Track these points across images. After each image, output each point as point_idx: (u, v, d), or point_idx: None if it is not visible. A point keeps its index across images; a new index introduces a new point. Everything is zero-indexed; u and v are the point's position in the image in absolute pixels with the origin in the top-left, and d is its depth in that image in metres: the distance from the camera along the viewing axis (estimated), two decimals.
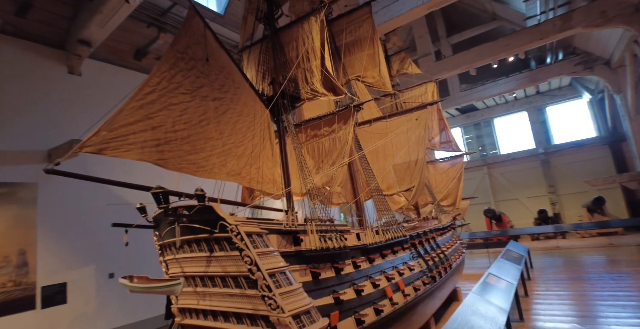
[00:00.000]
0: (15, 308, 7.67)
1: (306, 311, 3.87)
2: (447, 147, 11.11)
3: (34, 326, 7.88)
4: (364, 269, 5.40)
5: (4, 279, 7.69)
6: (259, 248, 3.80)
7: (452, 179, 11.17)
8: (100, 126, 3.72)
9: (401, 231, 6.98)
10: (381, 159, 7.87)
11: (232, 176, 4.89)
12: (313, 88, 5.87)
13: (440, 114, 11.12)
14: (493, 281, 7.42)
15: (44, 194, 8.67)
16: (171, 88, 4.49)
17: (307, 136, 6.15)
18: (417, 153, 7.23)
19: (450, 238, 10.12)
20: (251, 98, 5.64)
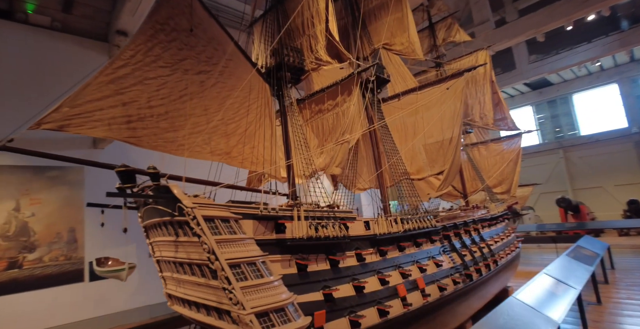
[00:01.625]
0: (66, 279, 8.40)
1: (278, 309, 3.34)
2: (502, 125, 9.52)
3: (82, 296, 8.58)
4: (371, 262, 4.67)
5: (57, 253, 8.45)
6: (223, 234, 3.32)
7: (508, 163, 9.57)
8: (62, 102, 3.50)
9: (429, 221, 6.02)
10: (410, 138, 6.87)
11: (218, 156, 4.48)
12: (317, 56, 5.16)
13: (494, 86, 9.52)
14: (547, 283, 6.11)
15: (90, 176, 9.29)
16: (147, 61, 4.14)
17: (312, 112, 5.49)
18: (453, 130, 6.12)
19: (503, 230, 8.72)
20: (248, 71, 5.13)
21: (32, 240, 8.18)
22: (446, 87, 6.25)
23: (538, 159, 20.66)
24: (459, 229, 6.78)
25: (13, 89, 8.52)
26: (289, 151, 5.05)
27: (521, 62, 17.40)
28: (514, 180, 9.46)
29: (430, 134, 6.54)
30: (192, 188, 4.13)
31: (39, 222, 8.32)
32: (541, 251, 15.00)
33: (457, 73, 6.20)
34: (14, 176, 8.25)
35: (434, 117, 6.48)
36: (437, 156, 6.41)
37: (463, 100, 6.07)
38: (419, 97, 6.73)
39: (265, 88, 5.21)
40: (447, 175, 5.92)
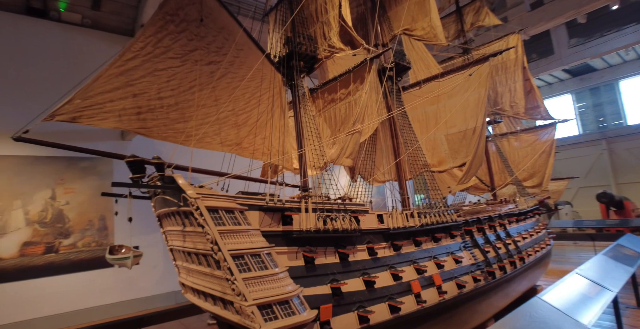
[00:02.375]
0: (97, 264, 8.88)
1: (282, 301, 3.29)
2: (534, 114, 8.89)
3: (112, 280, 9.05)
4: (383, 257, 4.52)
5: (89, 239, 8.94)
6: (226, 225, 3.30)
7: (540, 154, 8.96)
8: (74, 94, 3.59)
9: (449, 215, 5.75)
10: (432, 128, 6.55)
11: (229, 147, 4.46)
12: (330, 43, 4.99)
13: (527, 73, 8.88)
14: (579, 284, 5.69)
15: (119, 167, 9.70)
16: (157, 53, 4.16)
17: (324, 102, 5.34)
18: (477, 119, 5.75)
19: (532, 226, 8.22)
20: (259, 61, 5.05)
21: (67, 227, 8.69)
22: (469, 74, 5.87)
23: (577, 151, 19.29)
24: (483, 224, 6.44)
25: (48, 84, 8.98)
26: (301, 142, 4.94)
27: (560, 47, 16.18)
28: (547, 173, 8.85)
29: (452, 124, 6.19)
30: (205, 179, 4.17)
31: (72, 210, 8.81)
32: (578, 248, 14.11)
33: (482, 58, 5.79)
34: (50, 167, 8.76)
35: (456, 105, 6.12)
36: (459, 146, 6.07)
37: (488, 87, 5.67)
38: (441, 85, 6.38)
39: (277, 78, 5.12)
40: (469, 167, 5.60)
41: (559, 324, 4.20)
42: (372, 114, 4.84)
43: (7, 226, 8.02)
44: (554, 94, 20.82)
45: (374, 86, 5.00)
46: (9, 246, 7.94)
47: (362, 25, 7.26)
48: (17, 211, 8.17)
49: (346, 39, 4.81)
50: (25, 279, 7.99)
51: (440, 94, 6.32)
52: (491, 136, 9.07)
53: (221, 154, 5.28)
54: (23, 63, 8.96)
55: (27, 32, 9.18)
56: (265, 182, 3.81)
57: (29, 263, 8.09)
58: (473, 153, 5.50)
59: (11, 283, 7.85)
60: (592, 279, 6.07)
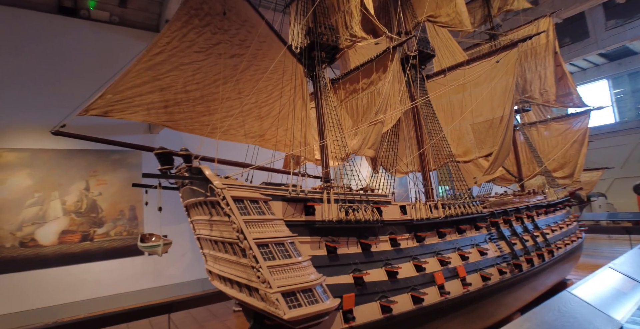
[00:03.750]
0: (129, 252, 9.32)
1: (306, 289, 3.36)
2: (566, 102, 8.47)
3: (143, 268, 9.50)
4: (407, 248, 4.51)
5: (121, 228, 9.40)
6: (251, 214, 3.39)
7: (572, 144, 8.56)
8: (106, 89, 3.75)
9: (475, 206, 5.64)
10: (457, 117, 6.38)
11: (252, 139, 4.54)
12: (352, 32, 4.94)
13: (558, 58, 8.44)
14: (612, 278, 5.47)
15: (147, 159, 10.07)
16: (183, 47, 4.26)
17: (346, 92, 5.30)
18: (504, 108, 5.55)
19: (562, 218, 7.93)
20: (280, 52, 5.07)
21: (100, 216, 9.15)
22: (496, 61, 5.64)
23: (613, 140, 18.26)
24: (510, 216, 6.28)
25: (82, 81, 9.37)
26: (323, 133, 4.96)
27: (596, 30, 15.24)
28: (579, 163, 8.46)
29: (479, 113, 6.01)
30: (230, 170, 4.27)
31: (105, 201, 9.26)
32: (612, 242, 13.49)
33: (510, 44, 5.55)
34: (83, 159, 9.21)
35: (483, 94, 5.93)
36: (485, 136, 5.89)
37: (516, 74, 5.45)
38: (467, 73, 6.19)
39: (299, 69, 5.13)
40: (495, 157, 5.44)
41: (590, 319, 4.08)
42: (395, 103, 4.76)
43: (47, 216, 8.53)
44: (588, 80, 19.71)
45: (396, 75, 4.92)
46: (48, 234, 8.46)
47: (385, 13, 7.11)
48: (55, 201, 8.67)
49: (368, 28, 4.74)
50: (64, 265, 8.52)
51: (466, 82, 6.14)
52: (519, 125, 8.74)
53: (244, 146, 5.39)
54: (58, 61, 9.38)
55: (60, 30, 9.58)
56: (288, 173, 3.86)
57: (67, 250, 8.61)
58: (500, 143, 5.33)
59: (52, 269, 8.39)
60: (627, 274, 5.83)
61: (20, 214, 8.27)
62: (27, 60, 9.00)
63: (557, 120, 9.07)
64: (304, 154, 4.87)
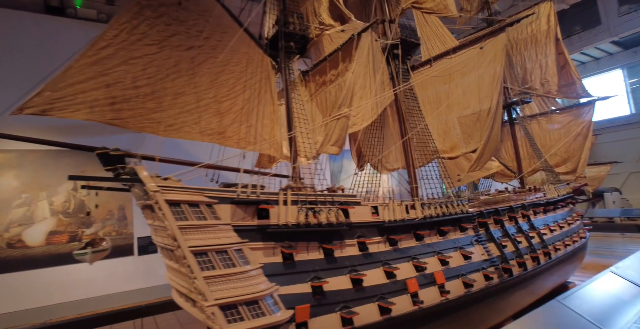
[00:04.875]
0: (118, 253, 9.21)
1: (251, 301, 3.07)
2: (568, 92, 7.89)
3: (133, 268, 9.39)
4: (377, 252, 4.17)
5: (110, 229, 9.29)
6: (189, 219, 3.10)
7: (575, 137, 7.98)
8: (44, 86, 3.51)
9: (460, 206, 5.23)
10: (444, 110, 5.95)
11: (209, 136, 4.25)
12: (320, 20, 4.59)
13: (560, 45, 7.85)
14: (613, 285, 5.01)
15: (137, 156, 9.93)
16: (132, 40, 4.00)
17: (316, 85, 4.95)
18: (492, 99, 5.11)
19: (563, 217, 7.40)
20: (245, 43, 4.76)
21: (89, 216, 9.06)
22: (480, 47, 5.19)
23: (628, 133, 17.31)
24: (502, 215, 5.84)
25: None
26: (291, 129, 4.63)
27: (608, 16, 14.36)
28: (582, 158, 7.87)
29: (466, 105, 5.57)
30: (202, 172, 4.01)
31: (93, 201, 9.16)
32: (625, 240, 12.75)
33: (497, 29, 5.09)
34: (72, 160, 9.12)
35: (470, 84, 5.48)
36: (473, 130, 5.45)
37: (505, 61, 4.99)
38: (453, 62, 5.74)
39: (265, 61, 4.80)
40: (480, 153, 5.01)
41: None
42: (365, 96, 4.41)
43: (35, 217, 8.48)
44: (601, 70, 18.72)
45: (368, 65, 4.55)
46: (36, 235, 8.41)
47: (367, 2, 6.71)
48: (42, 202, 8.61)
49: (336, 14, 4.38)
50: (52, 266, 8.46)
51: (453, 72, 5.70)
52: (519, 117, 8.21)
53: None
54: (45, 60, 9.28)
55: (47, 30, 9.47)
56: (238, 171, 3.56)
57: (55, 250, 8.54)
58: (486, 137, 4.89)
59: (40, 270, 8.34)
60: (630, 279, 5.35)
61: (7, 215, 8.23)
62: (14, 60, 8.92)
63: (560, 112, 8.48)
64: (270, 152, 4.55)
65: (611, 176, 17.54)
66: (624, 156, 16.79)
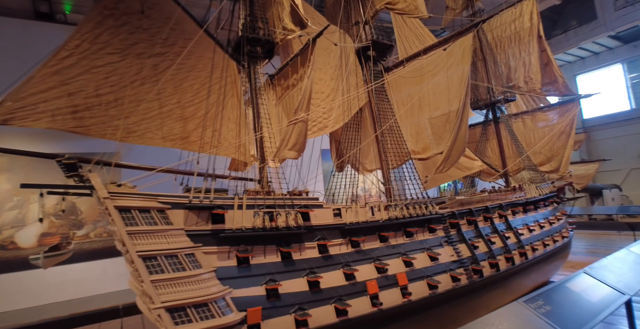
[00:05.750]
0: (110, 253, 9.41)
1: (200, 303, 3.15)
2: (551, 90, 7.81)
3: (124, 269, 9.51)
4: (338, 255, 4.22)
5: (101, 230, 9.49)
6: (139, 225, 3.20)
7: (559, 135, 7.90)
8: (5, 96, 3.63)
9: (430, 207, 5.25)
10: (416, 112, 5.96)
11: (172, 141, 4.34)
12: (284, 25, 4.64)
13: (542, 43, 7.77)
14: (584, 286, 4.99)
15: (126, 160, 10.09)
16: (95, 49, 4.09)
17: (282, 89, 5.00)
18: (460, 100, 5.10)
19: (546, 216, 7.35)
20: (210, 49, 4.83)
21: (80, 218, 9.26)
22: (443, 48, 5.18)
23: (629, 128, 17.02)
24: (476, 216, 5.84)
25: None
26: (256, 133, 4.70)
27: (604, 10, 14.13)
28: (565, 156, 7.79)
29: (436, 106, 5.57)
30: None
31: (84, 203, 9.35)
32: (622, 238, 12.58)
33: (465, 29, 5.07)
34: None
35: (440, 85, 5.48)
36: (443, 131, 5.46)
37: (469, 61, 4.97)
38: (424, 63, 5.74)
39: (231, 66, 4.87)
40: (447, 154, 5.00)
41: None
42: (338, 98, 4.46)
43: (26, 219, 8.70)
44: (601, 65, 18.40)
45: (340, 67, 4.60)
46: (28, 237, 8.63)
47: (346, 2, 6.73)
48: (34, 205, 8.82)
49: (297, 19, 4.41)
50: None
51: (424, 73, 5.70)
52: (503, 115, 8.16)
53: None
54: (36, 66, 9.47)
55: (36, 36, 9.65)
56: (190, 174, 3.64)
57: None
58: (452, 139, 4.89)
59: (32, 271, 8.56)
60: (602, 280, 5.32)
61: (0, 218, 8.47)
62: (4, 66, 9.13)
63: (543, 110, 8.40)
64: (236, 155, 4.63)
65: (611, 173, 17.32)
66: (625, 152, 16.56)
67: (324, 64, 5.61)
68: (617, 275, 5.55)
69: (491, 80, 8.27)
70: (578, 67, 18.89)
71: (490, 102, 8.21)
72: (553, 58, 7.64)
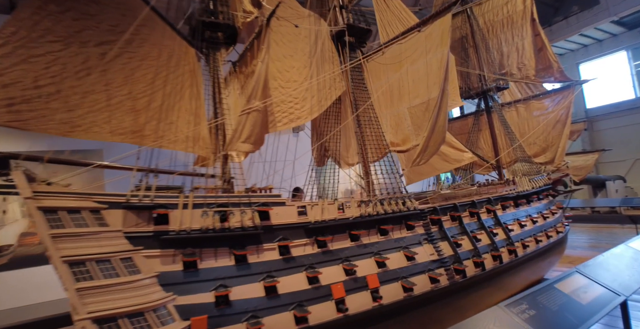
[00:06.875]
0: None
1: (135, 313, 2.85)
2: (545, 76, 7.35)
3: None
4: (302, 256, 3.89)
5: None
6: (67, 227, 2.89)
7: (554, 124, 7.46)
8: None
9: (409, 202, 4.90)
10: (396, 101, 5.57)
11: (121, 135, 4.02)
12: (243, 7, 4.27)
13: (536, 26, 7.29)
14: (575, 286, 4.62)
15: (108, 158, 9.85)
16: (34, 37, 3.75)
17: (245, 76, 4.65)
18: (440, 86, 4.71)
19: (540, 210, 6.95)
20: (167, 36, 4.49)
21: None
22: (418, 30, 4.77)
23: (633, 118, 16.38)
24: (460, 211, 5.47)
25: None
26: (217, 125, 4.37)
27: None
28: (560, 146, 7.35)
29: (415, 94, 5.18)
30: None
31: None
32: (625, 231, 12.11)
33: (443, 9, 4.65)
34: None
35: (419, 71, 5.09)
36: (422, 121, 5.07)
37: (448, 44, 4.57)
38: (403, 48, 5.34)
39: (190, 53, 4.52)
40: (424, 146, 4.62)
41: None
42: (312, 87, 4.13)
43: (6, 218, 8.50)
44: (604, 52, 17.71)
45: (314, 54, 4.25)
46: (8, 237, 8.43)
47: None
48: (13, 204, 8.61)
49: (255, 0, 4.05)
50: (25, 267, 8.49)
51: (403, 59, 5.31)
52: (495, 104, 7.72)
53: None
54: None
55: None
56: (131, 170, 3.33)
57: (27, 252, 8.56)
58: (430, 128, 4.52)
59: (13, 271, 8.39)
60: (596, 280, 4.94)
61: None
62: None
63: (537, 98, 7.93)
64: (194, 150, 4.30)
65: (615, 164, 16.75)
66: (629, 142, 15.98)
67: (296, 50, 5.23)
68: (613, 274, 5.16)
69: (483, 67, 7.83)
70: (581, 55, 18.22)
71: (481, 91, 7.77)
72: (548, 42, 7.18)
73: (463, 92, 8.05)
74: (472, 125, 8.15)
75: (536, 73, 7.33)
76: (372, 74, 5.88)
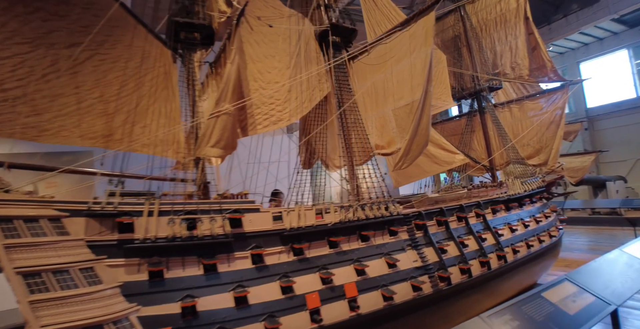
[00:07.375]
0: None
1: (94, 325, 2.75)
2: (539, 76, 7.17)
3: None
4: (276, 264, 3.77)
5: None
6: (22, 236, 2.79)
7: (548, 125, 7.28)
8: None
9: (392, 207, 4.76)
10: (381, 102, 5.43)
11: (92, 140, 3.93)
12: (218, 7, 4.15)
13: (530, 25, 7.12)
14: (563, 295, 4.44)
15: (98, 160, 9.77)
16: None
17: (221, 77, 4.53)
18: (423, 87, 4.56)
19: (533, 213, 6.78)
20: (141, 37, 4.37)
21: None
22: (400, 29, 4.62)
23: (634, 117, 16.09)
24: (448, 216, 5.32)
25: None
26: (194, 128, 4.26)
27: None
28: (554, 148, 7.17)
29: (400, 95, 5.04)
30: None
31: None
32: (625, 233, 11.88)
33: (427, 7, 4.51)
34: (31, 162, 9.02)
35: (404, 72, 4.95)
36: (406, 123, 4.93)
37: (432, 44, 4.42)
38: (389, 48, 5.20)
39: (165, 55, 4.41)
40: (406, 149, 4.48)
41: None
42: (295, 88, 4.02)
43: None
44: (605, 51, 17.41)
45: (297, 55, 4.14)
46: None
47: None
48: None
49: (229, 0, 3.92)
50: None
51: (387, 59, 5.17)
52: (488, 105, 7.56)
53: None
54: None
55: None
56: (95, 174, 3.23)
57: None
58: (412, 131, 4.38)
59: None
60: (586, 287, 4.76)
61: None
62: None
63: (531, 98, 7.76)
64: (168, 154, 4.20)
65: (616, 164, 16.49)
66: (630, 142, 15.72)
67: (277, 50, 5.10)
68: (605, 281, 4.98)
69: (476, 67, 7.67)
70: (581, 53, 17.95)
71: (474, 91, 7.61)
72: (542, 41, 7.00)
73: (456, 92, 7.89)
74: (465, 126, 7.99)
75: (530, 73, 7.16)
76: (358, 75, 5.75)
